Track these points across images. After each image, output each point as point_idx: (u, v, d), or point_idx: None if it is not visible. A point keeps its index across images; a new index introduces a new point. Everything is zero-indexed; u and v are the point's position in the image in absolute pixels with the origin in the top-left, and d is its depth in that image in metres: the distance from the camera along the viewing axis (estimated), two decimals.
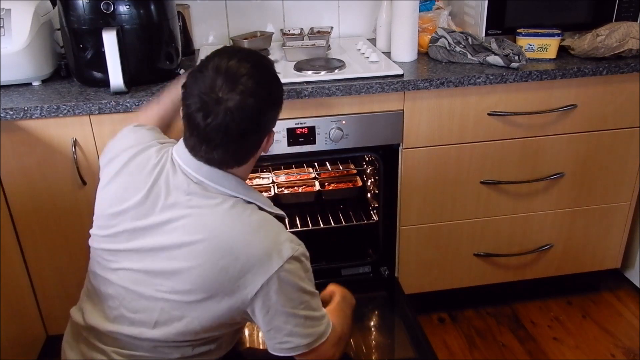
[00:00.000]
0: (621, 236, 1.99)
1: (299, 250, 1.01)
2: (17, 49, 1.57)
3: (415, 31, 1.77)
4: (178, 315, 1.01)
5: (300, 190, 2.07)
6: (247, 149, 1.03)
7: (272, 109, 1.04)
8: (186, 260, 0.99)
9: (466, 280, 1.96)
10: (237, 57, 0.99)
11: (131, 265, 1.04)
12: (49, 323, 1.74)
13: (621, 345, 1.90)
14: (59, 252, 1.65)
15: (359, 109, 1.63)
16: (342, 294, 1.25)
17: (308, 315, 1.01)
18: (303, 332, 1.01)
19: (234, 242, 0.98)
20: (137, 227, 1.03)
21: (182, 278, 0.99)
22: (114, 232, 1.06)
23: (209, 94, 0.96)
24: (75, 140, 1.53)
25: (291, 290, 0.99)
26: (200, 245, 0.98)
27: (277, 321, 0.99)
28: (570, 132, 1.77)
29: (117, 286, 1.06)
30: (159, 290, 1.01)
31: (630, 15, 1.82)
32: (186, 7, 1.95)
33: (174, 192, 1.02)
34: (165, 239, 1.01)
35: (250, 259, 0.97)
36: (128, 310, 1.05)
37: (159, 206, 1.02)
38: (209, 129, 0.96)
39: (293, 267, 0.99)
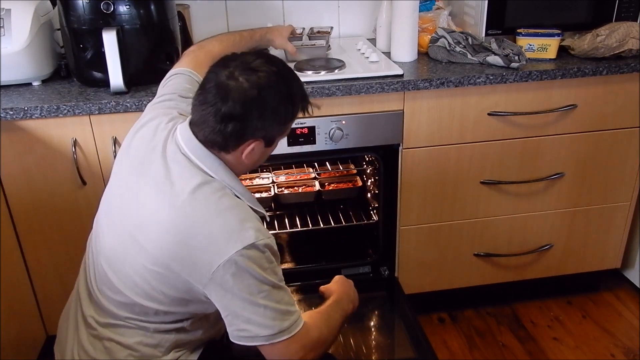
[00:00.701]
0: (621, 236, 1.99)
1: (263, 240, 0.99)
2: (17, 49, 1.57)
3: (415, 31, 1.77)
4: (140, 281, 1.04)
5: (300, 190, 2.07)
6: (226, 136, 1.02)
7: (268, 119, 1.03)
8: (153, 228, 1.01)
9: (466, 280, 1.96)
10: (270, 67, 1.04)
11: (119, 224, 1.08)
12: (49, 323, 1.74)
13: (621, 345, 1.90)
14: (59, 252, 1.65)
15: (359, 109, 1.64)
16: (337, 298, 1.23)
17: (269, 306, 0.99)
18: (262, 322, 0.99)
19: (195, 220, 0.98)
20: (130, 182, 1.09)
21: (147, 242, 1.02)
22: (112, 182, 1.14)
23: (229, 68, 1.01)
24: (75, 140, 1.53)
25: (249, 277, 0.97)
26: (166, 215, 1.00)
27: (233, 306, 0.99)
28: (570, 132, 1.77)
29: (108, 245, 1.10)
30: (130, 251, 1.05)
31: (630, 15, 1.82)
32: (186, 7, 1.95)
33: (164, 157, 1.06)
34: (144, 202, 1.04)
35: (209, 239, 0.97)
36: (112, 270, 1.09)
37: (152, 166, 1.06)
38: (206, 92, 1.01)
39: (253, 254, 0.97)
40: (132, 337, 1.09)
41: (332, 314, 1.17)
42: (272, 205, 2.05)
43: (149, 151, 1.08)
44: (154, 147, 1.08)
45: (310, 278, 1.85)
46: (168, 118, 1.15)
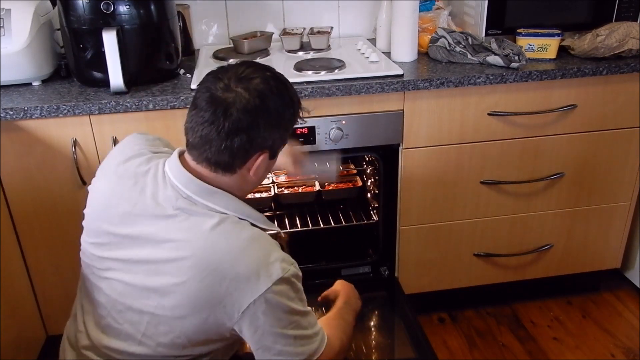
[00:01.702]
0: (621, 236, 1.99)
1: (289, 271, 0.96)
2: (17, 49, 1.57)
3: (415, 31, 1.77)
4: (164, 330, 0.99)
5: (300, 190, 2.07)
6: (233, 152, 0.97)
7: (273, 127, 0.99)
8: (172, 276, 0.96)
9: (466, 280, 1.96)
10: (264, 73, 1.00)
11: (119, 276, 1.02)
12: (49, 323, 1.74)
13: (621, 345, 1.90)
14: (59, 252, 1.65)
15: (359, 109, 1.63)
16: (345, 298, 1.24)
17: (298, 335, 0.98)
18: (293, 351, 0.98)
19: (220, 260, 0.94)
20: (122, 234, 1.01)
21: (169, 293, 0.97)
22: (103, 241, 1.05)
23: (223, 81, 0.96)
24: (75, 140, 1.53)
25: (280, 311, 0.95)
26: (187, 262, 0.95)
27: (265, 341, 0.96)
28: (570, 132, 1.77)
29: (105, 295, 1.05)
30: (146, 304, 0.99)
31: (630, 15, 1.82)
32: (186, 7, 1.95)
33: (161, 205, 1.00)
34: (152, 253, 0.98)
35: (237, 278, 0.93)
36: (115, 321, 1.03)
37: (147, 216, 1.00)
38: (203, 112, 0.95)
39: (282, 289, 0.95)
40: None
41: (345, 316, 1.18)
42: (272, 205, 2.05)
43: (139, 200, 1.01)
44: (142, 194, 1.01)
45: (310, 278, 1.84)
46: (146, 158, 1.08)
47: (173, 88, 1.59)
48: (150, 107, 1.51)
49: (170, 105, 1.52)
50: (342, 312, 1.19)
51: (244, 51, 1.86)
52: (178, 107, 1.53)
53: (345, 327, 1.15)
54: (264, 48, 1.93)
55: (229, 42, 2.05)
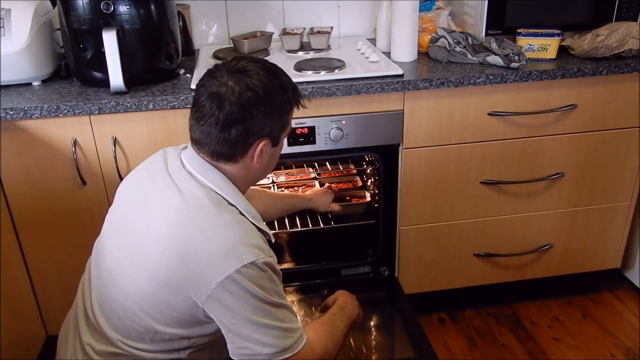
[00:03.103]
0: (621, 236, 1.99)
1: (263, 258, 0.97)
2: (17, 49, 1.57)
3: (415, 31, 1.77)
4: (138, 300, 1.02)
5: (300, 190, 2.07)
6: (232, 143, 1.02)
7: (268, 115, 1.02)
8: (152, 244, 1.00)
9: (466, 280, 1.96)
10: (255, 65, 1.04)
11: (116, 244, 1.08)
12: (49, 323, 1.74)
13: (621, 345, 1.90)
14: (59, 252, 1.65)
15: (359, 109, 1.63)
16: (340, 304, 1.22)
17: (270, 324, 0.98)
18: (264, 340, 0.98)
19: (196, 236, 0.97)
20: (132, 198, 1.10)
21: (146, 259, 1.00)
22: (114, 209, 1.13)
23: (217, 78, 1.01)
24: (75, 140, 1.53)
25: (249, 296, 0.96)
26: (166, 231, 0.99)
27: (234, 324, 0.97)
28: (570, 132, 1.77)
29: (104, 266, 1.10)
30: (126, 270, 1.04)
31: (630, 15, 1.82)
32: (186, 7, 1.95)
33: (168, 174, 1.06)
34: (144, 218, 1.04)
35: (209, 256, 0.96)
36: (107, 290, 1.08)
37: (156, 181, 1.07)
38: (201, 107, 1.01)
39: (252, 273, 0.96)
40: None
41: (336, 323, 1.16)
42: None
43: (155, 175, 1.08)
44: (157, 168, 1.09)
45: (310, 278, 1.85)
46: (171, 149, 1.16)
47: (173, 88, 1.59)
48: (150, 107, 1.51)
49: (170, 105, 1.52)
50: (333, 318, 1.17)
51: (244, 51, 1.86)
52: (178, 107, 1.53)
53: (334, 334, 1.12)
54: (264, 48, 1.93)
55: (229, 42, 2.05)
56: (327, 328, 1.13)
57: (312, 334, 1.07)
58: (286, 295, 1.06)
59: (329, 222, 1.99)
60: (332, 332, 1.12)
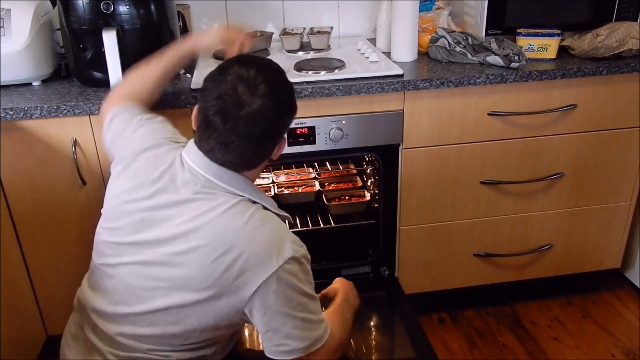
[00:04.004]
0: (621, 236, 1.99)
1: (300, 251, 1.01)
2: (17, 49, 1.57)
3: (415, 31, 1.77)
4: (175, 311, 1.01)
5: (300, 190, 2.07)
6: (263, 152, 1.06)
7: (290, 114, 1.07)
8: (187, 254, 0.99)
9: (466, 280, 1.96)
10: (256, 66, 1.03)
11: (131, 259, 1.04)
12: (49, 323, 1.74)
13: (621, 345, 1.90)
14: (59, 252, 1.65)
15: (359, 109, 1.63)
16: (344, 295, 1.25)
17: (306, 318, 1.01)
18: (300, 334, 1.00)
19: (235, 239, 0.98)
20: (143, 218, 1.04)
21: (182, 271, 0.99)
22: (120, 225, 1.07)
23: (231, 96, 0.98)
24: (75, 140, 1.53)
25: (290, 291, 0.98)
26: (202, 239, 0.98)
27: (274, 322, 0.99)
28: (570, 132, 1.77)
29: (115, 281, 1.07)
30: (159, 285, 1.01)
31: (630, 15, 1.82)
32: (186, 7, 1.95)
33: (181, 190, 1.03)
34: (168, 232, 1.01)
35: (251, 257, 0.97)
36: (126, 305, 1.05)
37: (164, 201, 1.03)
38: (229, 132, 0.99)
39: (293, 268, 0.99)
40: None
41: (344, 313, 1.19)
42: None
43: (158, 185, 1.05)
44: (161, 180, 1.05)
45: None
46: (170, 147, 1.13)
47: (173, 88, 1.59)
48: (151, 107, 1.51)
49: (170, 105, 1.52)
50: (341, 309, 1.20)
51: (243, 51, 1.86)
52: (178, 107, 1.53)
53: (345, 323, 1.16)
54: (264, 48, 1.93)
55: None
56: (340, 318, 1.16)
57: (330, 323, 1.09)
58: None
59: (329, 222, 1.99)
60: (343, 322, 1.16)
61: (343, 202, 2.01)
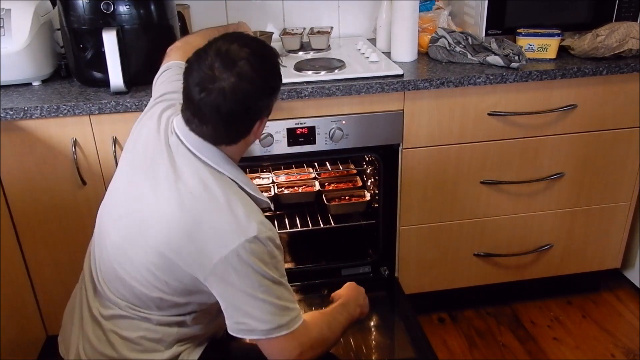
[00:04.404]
0: (621, 236, 1.99)
1: (266, 233, 1.00)
2: (17, 49, 1.57)
3: (415, 31, 1.77)
4: (144, 271, 1.05)
5: (300, 190, 2.07)
6: (237, 130, 1.05)
7: (266, 97, 1.05)
8: (158, 219, 1.02)
9: (466, 280, 1.96)
10: (240, 42, 1.02)
11: (122, 211, 1.09)
12: (49, 323, 1.74)
13: (621, 345, 1.90)
14: (59, 252, 1.65)
15: (359, 109, 1.63)
16: (343, 300, 1.23)
17: (268, 300, 1.00)
18: (261, 316, 0.99)
19: (201, 212, 1.00)
20: (138, 166, 1.10)
21: (152, 234, 1.03)
22: (119, 175, 1.14)
23: (206, 71, 0.99)
24: (75, 140, 1.53)
25: (251, 270, 0.98)
26: (173, 207, 1.01)
27: (233, 299, 1.00)
28: (570, 132, 1.77)
29: (109, 239, 1.11)
30: (134, 243, 1.06)
31: (630, 15, 1.82)
32: (186, 7, 1.95)
33: (169, 150, 1.07)
34: (150, 194, 1.05)
35: (213, 231, 0.99)
36: (118, 263, 1.09)
37: (157, 159, 1.07)
38: (202, 103, 1.00)
39: (255, 248, 0.98)
40: (135, 331, 1.09)
41: (336, 315, 1.17)
42: (272, 205, 2.04)
43: (156, 148, 1.09)
44: (159, 143, 1.09)
45: (310, 278, 1.85)
46: (169, 111, 1.16)
47: None
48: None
49: None
50: (334, 310, 1.18)
51: None
52: None
53: (331, 323, 1.13)
54: None
55: None
56: (326, 317, 1.15)
57: (309, 318, 1.09)
58: None
59: (329, 222, 1.99)
60: (329, 321, 1.13)
61: (343, 202, 2.01)
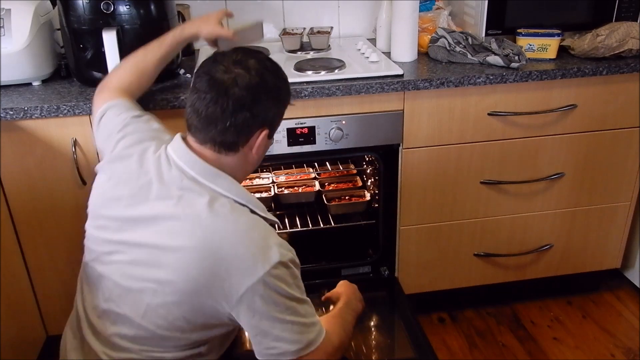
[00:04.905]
0: (621, 236, 1.99)
1: (287, 255, 0.99)
2: (17, 49, 1.57)
3: (415, 31, 1.77)
4: (163, 312, 1.00)
5: (300, 190, 2.07)
6: (238, 128, 1.01)
7: (272, 101, 1.05)
8: (172, 255, 0.98)
9: (466, 280, 1.96)
10: (258, 55, 1.06)
11: (121, 258, 1.04)
12: (49, 323, 1.74)
13: (621, 345, 1.90)
14: (59, 252, 1.65)
15: (359, 109, 1.63)
16: (346, 300, 1.24)
17: (296, 321, 0.99)
18: (290, 337, 0.99)
19: (220, 243, 0.96)
20: (128, 216, 1.03)
21: (168, 273, 0.98)
22: (106, 224, 1.07)
23: (222, 63, 1.02)
24: (75, 140, 1.53)
25: (277, 295, 0.97)
26: (188, 243, 0.97)
27: (263, 325, 0.98)
28: (570, 132, 1.77)
29: (107, 279, 1.06)
30: (146, 286, 1.01)
31: (630, 15, 1.82)
32: (186, 7, 1.95)
33: (166, 186, 1.02)
34: (154, 235, 1.00)
35: (236, 262, 0.95)
36: (116, 304, 1.05)
37: (151, 197, 1.02)
38: (208, 87, 1.00)
39: (280, 273, 0.97)
40: None
41: (345, 316, 1.18)
42: (272, 205, 2.05)
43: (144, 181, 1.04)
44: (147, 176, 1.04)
45: (310, 278, 1.84)
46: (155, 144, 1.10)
47: (173, 88, 1.59)
48: (150, 107, 1.51)
49: (170, 105, 1.52)
50: (342, 311, 1.20)
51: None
52: (178, 107, 1.53)
53: (345, 326, 1.15)
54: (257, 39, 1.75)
55: None
56: (339, 320, 1.15)
57: (328, 327, 1.08)
58: None
59: (329, 222, 2.00)
60: (343, 324, 1.15)
61: (343, 202, 2.01)
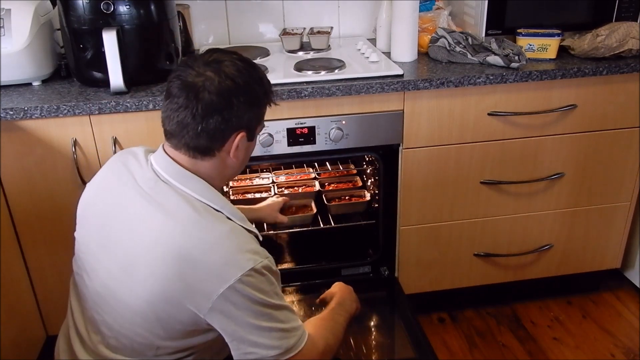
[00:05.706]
0: (621, 236, 1.99)
1: (262, 262, 0.97)
2: (17, 49, 1.57)
3: (415, 31, 1.77)
4: (140, 320, 1.00)
5: (300, 190, 2.07)
6: (210, 134, 0.99)
7: (246, 104, 1.00)
8: (145, 264, 0.97)
9: (466, 280, 1.96)
10: (231, 56, 1.02)
11: (98, 265, 1.05)
12: (49, 323, 1.74)
13: (621, 345, 1.90)
14: (59, 252, 1.65)
15: (359, 109, 1.63)
16: (339, 300, 1.23)
17: (274, 327, 0.98)
18: (268, 343, 0.98)
19: (193, 249, 0.95)
20: (104, 223, 1.05)
21: (141, 280, 0.98)
22: (85, 231, 1.09)
23: (194, 68, 0.99)
24: (75, 140, 1.53)
25: (250, 302, 0.95)
26: (159, 249, 0.96)
27: (238, 332, 0.97)
28: (570, 132, 1.77)
29: (88, 287, 1.07)
30: (122, 292, 1.00)
31: (630, 15, 1.82)
32: (186, 7, 1.95)
33: (140, 186, 1.02)
34: (128, 241, 1.00)
35: (208, 268, 0.94)
36: (97, 312, 1.05)
37: (127, 200, 1.03)
38: (180, 91, 0.98)
39: (253, 280, 0.95)
40: None
41: (336, 317, 1.17)
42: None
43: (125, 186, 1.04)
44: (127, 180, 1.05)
45: (310, 278, 1.85)
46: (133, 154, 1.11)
47: None
48: (150, 107, 1.51)
49: None
50: (333, 312, 1.18)
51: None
52: None
53: (334, 328, 1.14)
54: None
55: (229, 42, 2.05)
56: (328, 322, 1.14)
57: (312, 329, 1.07)
58: (286, 295, 1.06)
59: (329, 222, 1.99)
60: (332, 326, 1.13)
61: (343, 202, 2.01)
